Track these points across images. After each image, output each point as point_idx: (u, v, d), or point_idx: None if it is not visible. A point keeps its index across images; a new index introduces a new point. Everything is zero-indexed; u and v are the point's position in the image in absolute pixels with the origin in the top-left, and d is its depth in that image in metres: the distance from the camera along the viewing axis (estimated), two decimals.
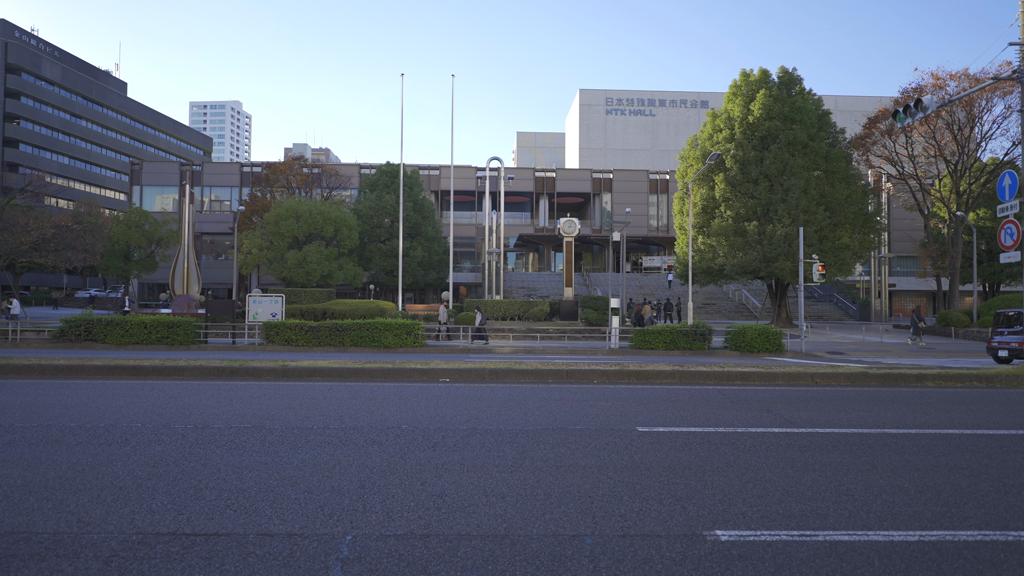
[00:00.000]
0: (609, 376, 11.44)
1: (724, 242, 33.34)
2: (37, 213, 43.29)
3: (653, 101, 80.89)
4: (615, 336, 21.69)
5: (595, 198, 62.19)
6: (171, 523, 4.06)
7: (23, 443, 6.02)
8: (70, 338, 19.70)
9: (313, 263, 37.40)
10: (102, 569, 3.40)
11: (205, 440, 6.22)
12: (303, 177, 48.87)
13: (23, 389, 9.49)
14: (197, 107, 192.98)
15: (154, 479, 4.97)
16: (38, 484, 4.82)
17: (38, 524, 4.02)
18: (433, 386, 10.40)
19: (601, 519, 4.19)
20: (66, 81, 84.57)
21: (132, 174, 57.85)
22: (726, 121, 34.38)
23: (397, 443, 6.21)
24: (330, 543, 3.77)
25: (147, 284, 55.52)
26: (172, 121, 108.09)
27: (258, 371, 11.23)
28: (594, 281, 50.39)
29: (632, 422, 7.43)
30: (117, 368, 11.25)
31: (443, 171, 57.73)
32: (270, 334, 20.02)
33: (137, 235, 43.89)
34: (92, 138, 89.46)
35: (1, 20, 79.21)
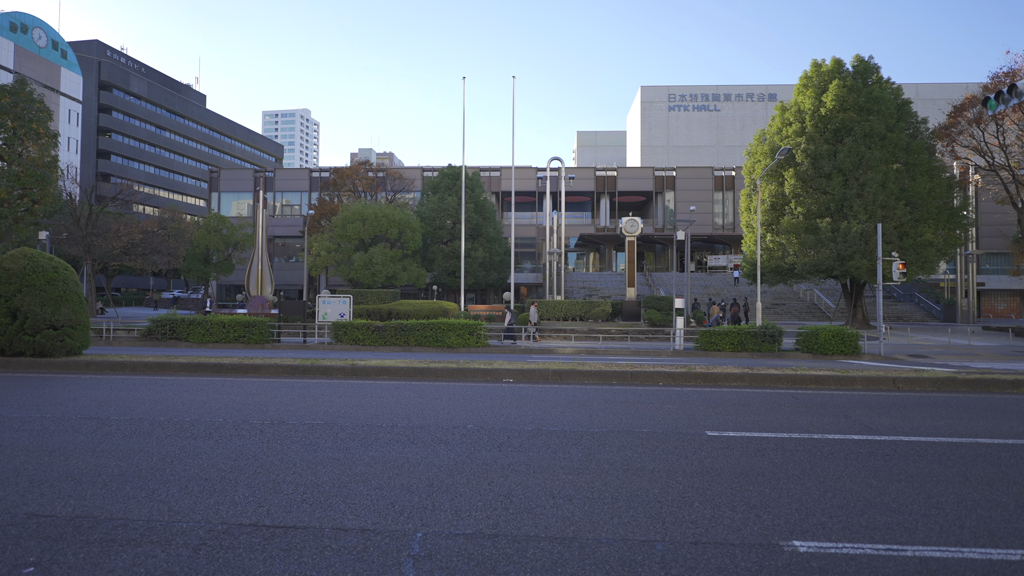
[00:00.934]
0: (675, 378, 11.20)
1: (795, 240, 32.07)
2: (127, 220, 46.32)
3: (717, 96, 78.73)
4: (680, 337, 21.23)
5: (657, 196, 61.09)
6: (252, 515, 4.25)
7: (118, 435, 6.45)
8: (156, 337, 20.95)
9: (378, 265, 38.38)
10: (191, 556, 3.59)
11: (281, 436, 6.48)
12: (368, 181, 50.25)
13: (117, 384, 10.16)
14: (269, 116, 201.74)
15: (235, 472, 5.22)
16: (132, 474, 5.14)
17: (133, 512, 4.29)
18: (497, 386, 10.47)
19: (671, 525, 4.11)
20: (152, 95, 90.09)
21: (211, 181, 61.04)
22: (796, 114, 33.06)
23: (463, 442, 6.29)
24: (401, 539, 3.85)
25: (224, 285, 58.44)
26: (246, 130, 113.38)
27: (329, 370, 11.62)
28: (657, 281, 49.49)
29: (700, 426, 7.25)
30: (200, 366, 11.88)
31: (504, 172, 58.08)
32: (338, 334, 20.66)
33: (215, 239, 46.25)
34: (175, 148, 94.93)
35: (96, 41, 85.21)
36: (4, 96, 27.08)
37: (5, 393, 9.11)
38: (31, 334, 12.22)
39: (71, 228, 39.18)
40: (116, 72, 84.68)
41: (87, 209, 39.64)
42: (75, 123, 75.75)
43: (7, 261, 12.29)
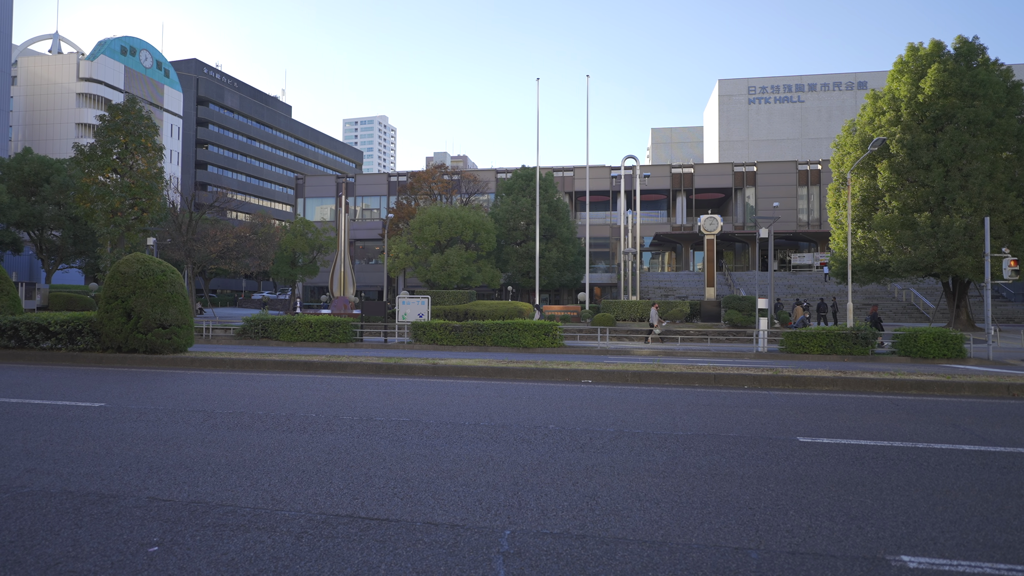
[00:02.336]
0: (761, 381, 10.79)
1: (889, 236, 30.14)
2: (222, 226, 49.42)
3: (801, 86, 75.18)
4: (763, 339, 20.43)
5: (737, 193, 59.03)
6: (348, 506, 4.44)
7: (223, 427, 6.90)
8: (250, 335, 22.22)
9: (454, 266, 39.11)
10: (294, 543, 3.80)
11: (370, 431, 6.74)
12: (444, 184, 51.31)
13: (219, 380, 10.87)
14: (349, 123, 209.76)
15: (330, 465, 5.47)
16: (237, 464, 5.49)
17: (240, 499, 4.58)
18: (576, 387, 10.44)
19: (765, 533, 3.97)
20: (243, 108, 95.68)
21: (296, 188, 64.13)
22: (890, 102, 31.06)
23: (545, 442, 6.32)
24: (490, 536, 3.92)
25: (309, 287, 61.26)
26: (328, 138, 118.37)
27: (411, 368, 11.95)
28: (737, 280, 47.81)
29: (791, 431, 6.95)
30: (291, 363, 12.52)
31: (577, 172, 57.79)
32: (417, 333, 21.21)
33: (301, 243, 48.54)
34: (264, 157, 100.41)
35: (194, 60, 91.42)
36: (117, 114, 29.54)
37: (123, 386, 9.94)
38: (143, 332, 13.27)
39: (174, 234, 42.22)
40: (212, 88, 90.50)
41: (188, 216, 42.60)
42: (176, 137, 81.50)
43: (123, 265, 13.41)
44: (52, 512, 4.28)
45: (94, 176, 29.55)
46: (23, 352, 13.90)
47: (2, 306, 14.75)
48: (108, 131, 29.47)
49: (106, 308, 13.47)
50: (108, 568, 3.44)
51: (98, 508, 4.36)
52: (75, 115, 70.45)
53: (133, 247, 30.89)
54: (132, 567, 3.47)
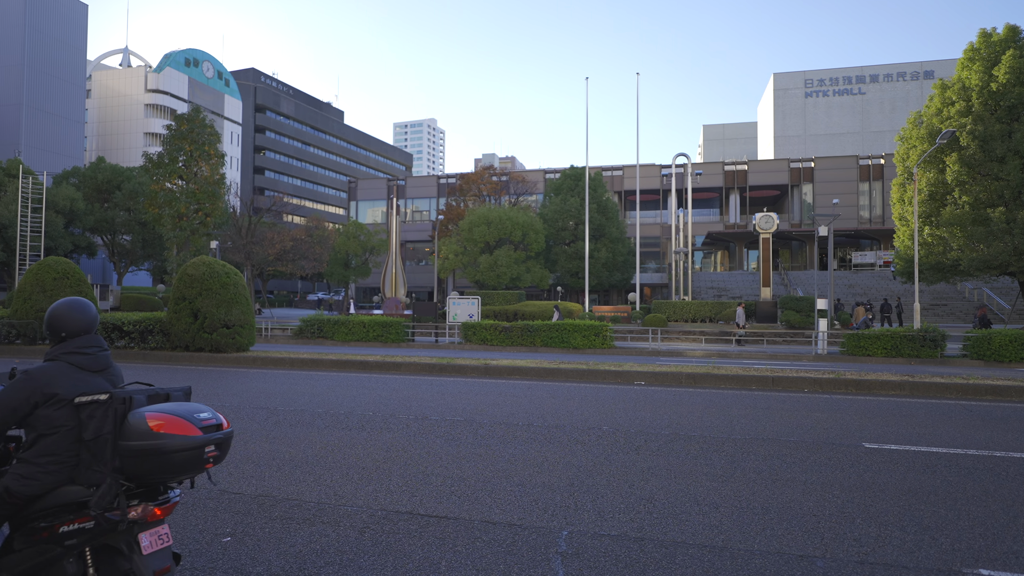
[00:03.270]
0: (822, 384, 10.44)
1: (959, 233, 28.62)
2: (279, 229, 51.11)
3: (862, 78, 72.26)
4: (823, 340, 19.74)
5: (793, 190, 57.23)
6: (407, 503, 4.54)
7: (285, 424, 7.15)
8: (306, 335, 22.90)
9: (503, 266, 39.29)
10: (358, 538, 3.91)
11: (425, 430, 6.86)
12: (492, 185, 51.62)
13: (280, 378, 11.26)
14: (399, 127, 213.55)
15: (388, 463, 5.60)
16: (300, 460, 5.68)
17: (304, 494, 4.75)
18: (628, 388, 10.35)
19: (831, 541, 3.85)
20: (298, 114, 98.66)
21: (349, 191, 65.70)
22: (960, 92, 29.49)
23: (600, 444, 6.29)
24: (548, 536, 3.94)
25: (362, 288, 62.65)
26: (379, 142, 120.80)
27: (463, 368, 12.09)
28: (793, 280, 46.33)
29: (856, 436, 6.71)
30: (348, 362, 12.86)
31: (626, 171, 57.18)
32: (468, 334, 21.41)
33: (354, 245, 49.69)
34: (318, 162, 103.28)
35: (252, 69, 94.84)
36: (183, 124, 30.99)
37: (192, 383, 10.41)
38: (209, 332, 13.87)
39: (234, 237, 43.92)
40: (269, 95, 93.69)
41: (247, 220, 44.22)
42: (236, 143, 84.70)
43: (190, 268, 14.06)
44: None
45: (162, 183, 31.08)
46: None
47: None
48: (174, 140, 30.95)
49: (175, 309, 14.14)
50: (187, 556, 3.63)
51: None
52: (143, 125, 74.15)
53: (197, 250, 32.31)
54: (208, 555, 3.65)
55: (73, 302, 2.82)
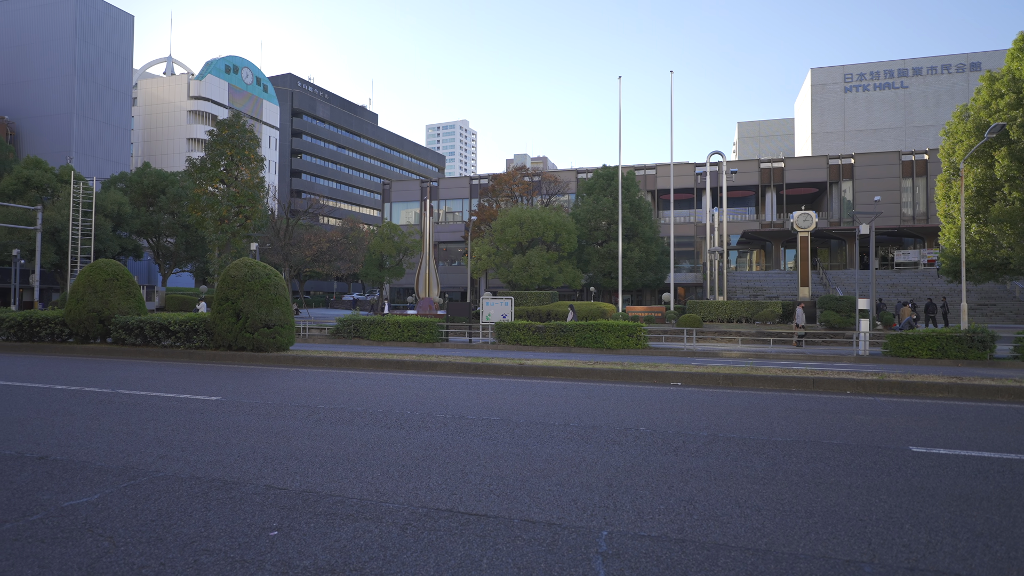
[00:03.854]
0: (865, 387, 10.19)
1: (1009, 230, 27.57)
2: (316, 231, 52.08)
3: (904, 71, 70.12)
4: (864, 341, 19.24)
5: (832, 187, 55.87)
6: (447, 501, 4.60)
7: (326, 422, 7.30)
8: (343, 335, 23.29)
9: (535, 267, 39.31)
10: (400, 534, 3.98)
11: (463, 429, 6.92)
12: (524, 186, 51.67)
13: (319, 377, 11.49)
14: (432, 129, 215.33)
15: (427, 461, 5.67)
16: (342, 457, 5.80)
17: (347, 490, 4.85)
18: (664, 389, 10.26)
19: (879, 547, 3.77)
20: (333, 118, 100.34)
21: (383, 193, 66.53)
22: (1010, 83, 28.40)
23: (637, 444, 6.27)
24: (587, 536, 3.95)
25: (396, 288, 63.38)
26: (412, 144, 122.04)
27: (498, 368, 12.15)
28: (833, 280, 45.23)
29: (902, 440, 6.54)
30: (384, 362, 13.04)
31: (660, 170, 56.60)
32: (501, 334, 21.50)
33: (388, 246, 50.33)
34: (352, 164, 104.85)
35: (289, 75, 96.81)
36: (224, 129, 31.85)
37: (235, 382, 10.71)
38: (250, 332, 14.23)
39: (273, 239, 44.91)
40: (305, 100, 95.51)
41: (285, 222, 45.17)
42: (273, 147, 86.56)
43: (232, 269, 14.45)
44: (184, 495, 4.70)
45: (204, 187, 32.00)
46: (147, 349, 15.24)
47: (130, 307, 16.24)
48: (216, 145, 31.84)
49: (218, 309, 14.54)
50: (236, 548, 3.75)
51: (223, 493, 4.75)
52: (186, 131, 76.37)
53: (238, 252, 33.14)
54: (256, 549, 3.76)
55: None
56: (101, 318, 15.92)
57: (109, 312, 15.92)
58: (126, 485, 4.93)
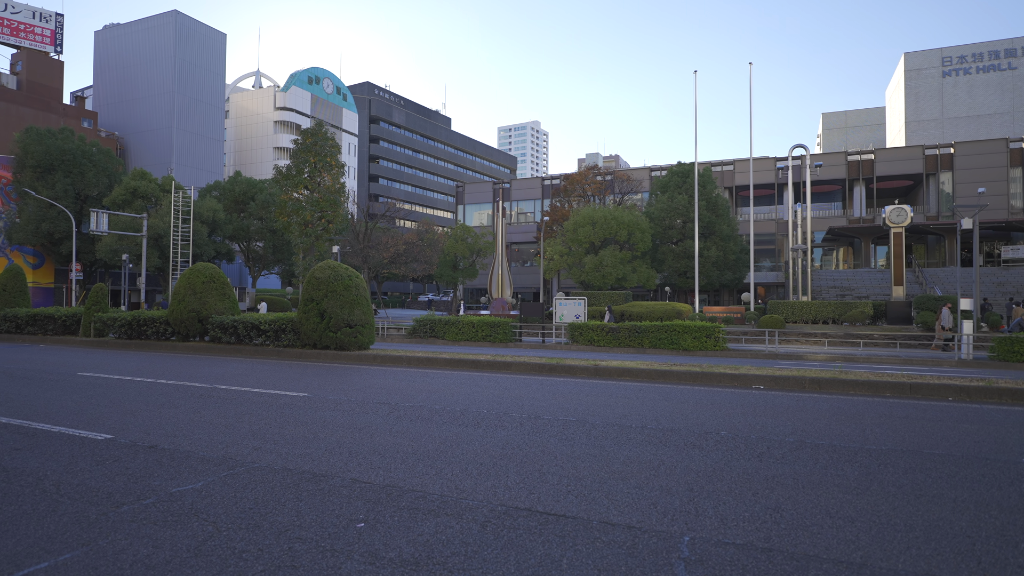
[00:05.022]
0: (970, 393, 9.46)
1: None
2: (392, 233, 53.71)
3: (1013, 51, 64.55)
4: (967, 344, 17.86)
5: (928, 179, 52.18)
6: (525, 500, 4.64)
7: (406, 419, 7.52)
8: (419, 334, 23.89)
9: (608, 267, 38.89)
10: (480, 531, 4.06)
11: (539, 429, 6.96)
12: (597, 185, 51.23)
13: (398, 375, 11.85)
14: (503, 131, 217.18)
15: (504, 459, 5.74)
16: (422, 453, 5.96)
17: (428, 486, 4.98)
18: (746, 392, 9.92)
19: (989, 566, 3.50)
20: (408, 123, 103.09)
21: (457, 195, 67.71)
22: None
23: (718, 449, 6.09)
24: (669, 541, 3.88)
25: (469, 289, 64.35)
26: (485, 146, 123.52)
27: (572, 369, 12.12)
28: (929, 278, 42.22)
29: (1015, 452, 6.03)
30: (460, 361, 13.29)
31: (738, 165, 54.69)
32: (574, 334, 21.41)
33: (461, 247, 51.18)
34: (427, 168, 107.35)
35: (366, 83, 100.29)
36: (308, 138, 33.44)
37: (320, 379, 11.22)
38: (334, 331, 14.85)
39: (352, 242, 46.67)
40: (382, 107, 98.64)
41: (364, 226, 46.84)
42: (353, 154, 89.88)
43: (317, 271, 15.14)
44: (277, 486, 4.98)
45: (289, 193, 33.69)
46: (240, 347, 16.20)
47: (225, 308, 17.33)
48: (300, 153, 33.47)
49: (304, 309, 15.27)
50: (326, 538, 3.93)
51: (312, 485, 4.99)
52: (272, 140, 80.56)
53: (321, 255, 34.67)
54: (345, 539, 3.93)
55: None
56: (199, 318, 17.06)
57: (207, 312, 17.03)
58: (226, 474, 5.27)
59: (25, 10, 58.88)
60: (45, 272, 50.54)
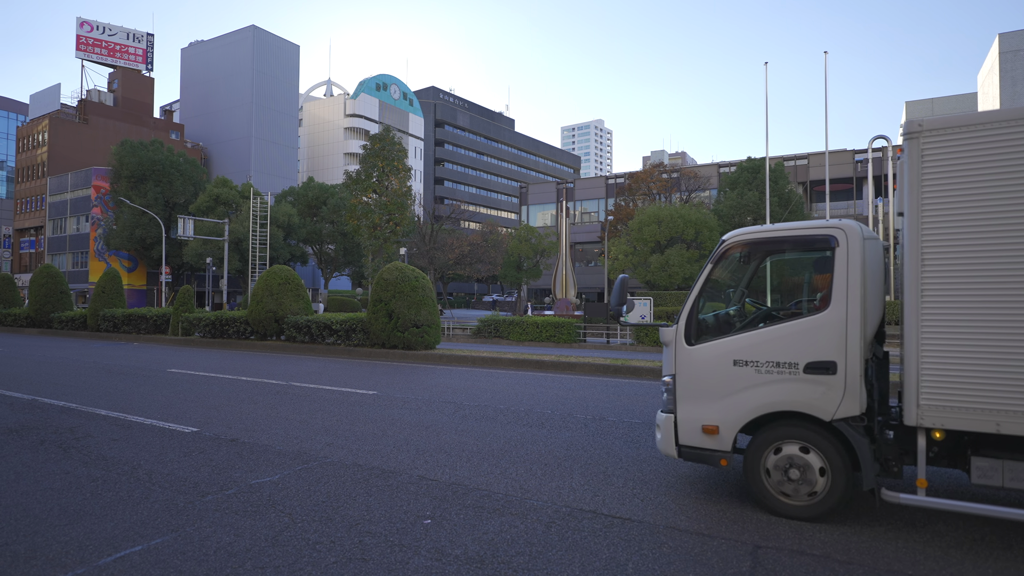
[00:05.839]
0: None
1: None
2: (457, 235, 54.51)
3: None
4: None
5: None
6: (590, 502, 4.60)
7: (471, 418, 7.61)
8: (484, 334, 24.12)
9: (675, 266, 38.07)
10: (545, 531, 4.06)
11: (604, 431, 6.89)
12: (662, 183, 50.25)
13: (463, 375, 12.01)
14: (566, 130, 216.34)
15: (569, 460, 5.72)
16: (487, 452, 6.01)
17: (492, 485, 5.02)
18: None
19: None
20: (472, 126, 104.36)
21: (520, 196, 67.99)
22: None
23: None
24: (739, 548, 3.77)
25: (533, 289, 64.46)
26: (548, 146, 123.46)
27: (638, 370, 11.94)
28: None
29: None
30: (524, 362, 13.33)
31: (812, 159, 52.39)
32: (640, 335, 21.07)
33: (525, 248, 51.30)
34: (491, 170, 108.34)
35: (432, 87, 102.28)
36: (376, 143, 34.38)
37: (388, 377, 11.51)
38: (401, 331, 15.22)
39: (419, 244, 47.67)
40: (446, 111, 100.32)
41: (429, 228, 47.76)
42: (419, 157, 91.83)
43: (385, 273, 15.56)
44: (348, 480, 5.14)
45: (359, 197, 34.75)
46: (313, 346, 16.85)
47: (299, 308, 18.08)
48: (369, 158, 34.45)
49: (373, 310, 15.72)
50: (394, 533, 4.03)
51: (381, 481, 5.13)
52: (343, 146, 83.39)
53: (389, 257, 35.61)
54: (412, 534, 4.02)
55: None
56: (276, 318, 17.87)
57: (283, 312, 17.82)
58: (300, 468, 5.50)
59: (120, 32, 63.39)
60: (138, 275, 54.25)
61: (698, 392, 4.51)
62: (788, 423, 4.24)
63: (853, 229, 4.24)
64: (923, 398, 3.79)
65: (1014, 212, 3.60)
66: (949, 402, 3.73)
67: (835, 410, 4.06)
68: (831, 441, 4.09)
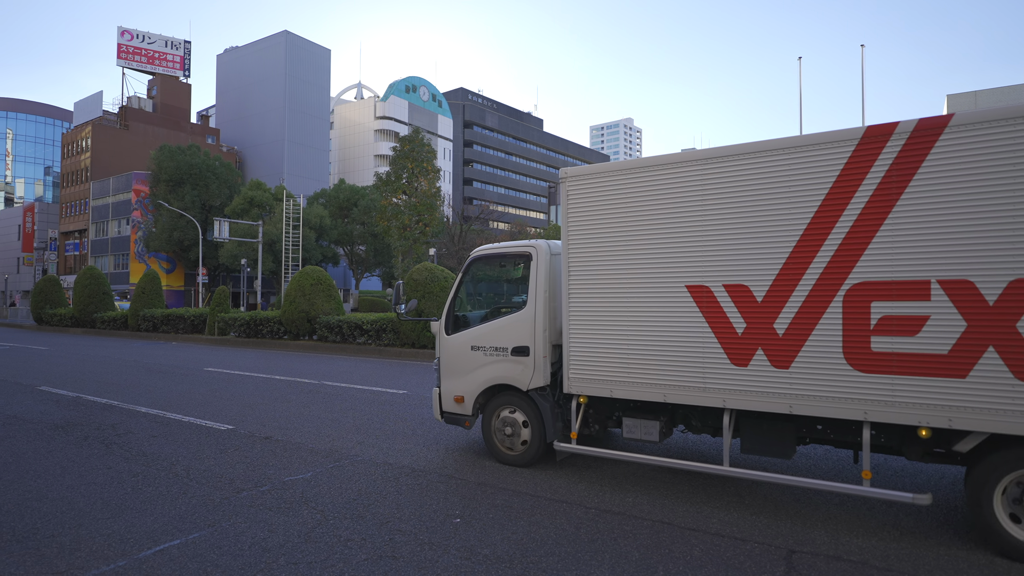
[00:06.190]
0: None
1: None
2: (486, 235, 54.60)
3: None
4: None
5: None
6: (619, 504, 4.56)
7: None
8: None
9: None
10: (574, 532, 4.03)
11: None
12: None
13: None
14: (595, 130, 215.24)
15: (599, 461, 5.68)
16: None
17: (521, 485, 5.01)
18: None
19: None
20: (501, 126, 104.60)
21: (549, 196, 67.93)
22: None
23: None
24: (775, 553, 3.70)
25: None
26: (576, 146, 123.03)
27: None
28: None
29: None
30: None
31: None
32: None
33: None
34: (519, 170, 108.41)
35: (460, 89, 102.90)
36: (406, 144, 34.69)
37: (418, 377, 11.60)
38: (430, 331, 15.31)
39: (448, 244, 47.93)
40: (475, 112, 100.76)
41: (458, 228, 47.97)
42: (447, 158, 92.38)
43: (415, 273, 15.68)
44: (379, 479, 5.20)
45: (389, 198, 35.11)
46: (345, 345, 17.08)
47: (331, 308, 18.34)
48: (398, 160, 34.79)
49: None
50: (424, 531, 4.06)
51: (411, 480, 5.17)
52: (373, 148, 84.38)
53: (418, 257, 35.89)
54: (442, 533, 4.04)
55: None
56: (308, 318, 18.15)
57: (315, 312, 18.10)
58: (332, 466, 5.57)
59: (159, 40, 65.24)
60: (176, 276, 55.75)
61: (452, 371, 5.86)
62: (504, 393, 5.58)
63: (543, 247, 5.53)
64: (571, 372, 5.11)
65: (615, 242, 4.88)
66: (583, 375, 5.05)
67: (529, 382, 5.37)
68: (530, 405, 5.40)
